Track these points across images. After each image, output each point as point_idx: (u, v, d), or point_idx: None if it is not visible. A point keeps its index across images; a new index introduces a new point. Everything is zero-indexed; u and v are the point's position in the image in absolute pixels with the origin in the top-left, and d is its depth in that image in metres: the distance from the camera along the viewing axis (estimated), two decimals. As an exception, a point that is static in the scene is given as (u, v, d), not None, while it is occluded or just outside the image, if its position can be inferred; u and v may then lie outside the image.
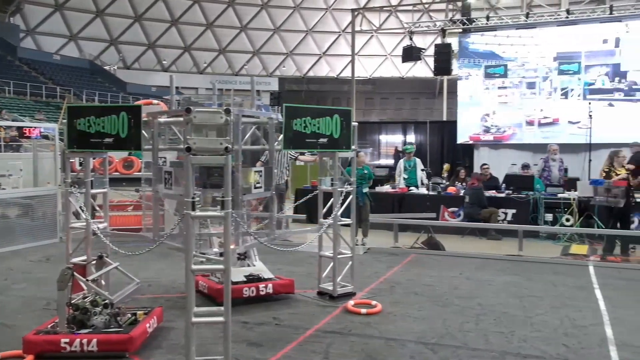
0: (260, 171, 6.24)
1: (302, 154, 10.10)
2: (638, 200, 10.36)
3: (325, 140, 6.12)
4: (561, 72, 15.58)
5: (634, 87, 14.64)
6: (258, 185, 6.20)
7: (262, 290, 6.24)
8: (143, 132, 5.05)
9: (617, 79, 14.85)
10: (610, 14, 15.11)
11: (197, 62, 35.84)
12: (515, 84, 16.01)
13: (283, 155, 9.60)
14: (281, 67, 34.95)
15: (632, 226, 10.23)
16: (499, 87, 16.27)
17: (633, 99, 14.62)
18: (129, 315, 5.05)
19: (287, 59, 34.84)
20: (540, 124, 15.76)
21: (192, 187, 4.13)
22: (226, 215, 4.11)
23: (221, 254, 5.02)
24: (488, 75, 16.31)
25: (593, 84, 15.14)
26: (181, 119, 4.51)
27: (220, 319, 4.10)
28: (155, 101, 10.17)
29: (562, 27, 15.89)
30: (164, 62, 35.78)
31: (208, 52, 35.58)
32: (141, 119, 4.93)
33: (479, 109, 16.39)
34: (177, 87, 6.75)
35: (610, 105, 14.69)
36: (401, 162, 13.13)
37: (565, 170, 12.63)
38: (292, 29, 34.18)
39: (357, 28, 27.77)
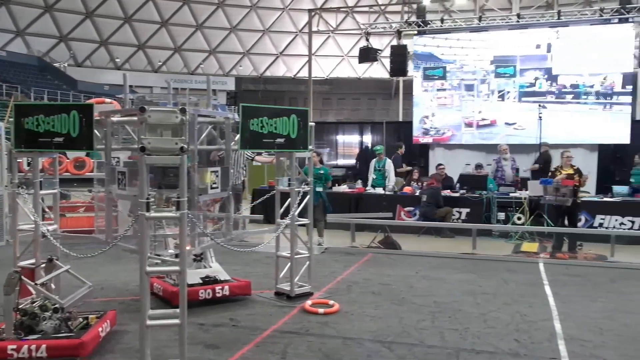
0: (217, 171, 6.17)
1: (259, 154, 10.04)
2: (584, 199, 10.75)
3: (282, 140, 6.11)
4: (498, 75, 15.89)
5: (563, 90, 15.19)
6: (214, 185, 6.13)
7: (219, 293, 6.18)
8: (95, 131, 4.92)
9: (548, 82, 15.35)
10: (558, 19, 15.60)
11: (151, 60, 35.21)
12: (454, 86, 16.30)
13: (240, 155, 9.53)
14: (238, 66, 34.66)
15: (579, 224, 10.61)
16: (438, 89, 16.51)
17: (563, 102, 15.18)
18: (81, 319, 4.92)
19: (243, 58, 34.57)
20: (479, 126, 16.03)
21: (147, 187, 4.05)
22: (182, 216, 4.05)
23: (177, 256, 4.94)
24: (427, 77, 16.54)
25: (528, 86, 15.55)
26: (135, 118, 4.42)
27: (176, 321, 4.04)
28: (108, 100, 9.95)
29: (498, 31, 16.25)
30: (117, 60, 35.00)
31: (163, 51, 35.01)
32: (93, 118, 4.81)
33: (418, 110, 16.64)
34: (130, 86, 6.63)
35: (543, 107, 15.21)
36: (372, 162, 13.29)
37: (517, 170, 12.97)
38: (248, 29, 33.94)
39: (314, 28, 27.80)
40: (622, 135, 14.58)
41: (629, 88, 14.59)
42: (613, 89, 14.71)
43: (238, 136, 5.90)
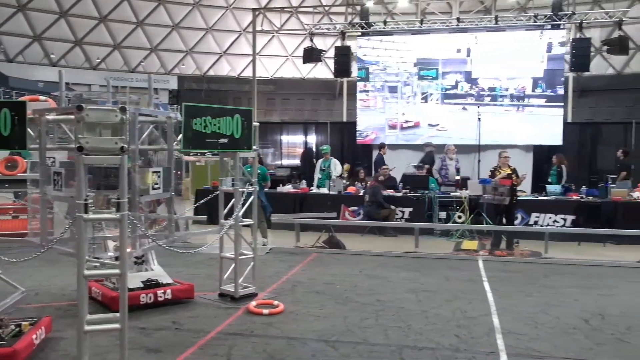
0: (159, 172, 6.04)
1: (187, 153, 9.88)
2: (521, 198, 11.15)
3: (226, 140, 6.05)
4: (421, 78, 16.24)
5: (481, 92, 15.77)
6: (156, 186, 6.00)
7: (161, 297, 6.05)
8: (29, 130, 4.72)
9: (469, 85, 15.87)
10: (496, 23, 16.12)
11: (89, 57, 34.05)
12: (377, 88, 16.55)
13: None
14: (180, 65, 33.96)
15: (516, 222, 11.00)
16: (361, 91, 16.76)
17: (482, 103, 15.76)
18: (13, 326, 4.70)
19: (186, 57, 33.89)
20: (402, 128, 16.30)
21: (85, 188, 3.92)
22: (122, 218, 3.94)
23: (116, 258, 4.81)
24: None
25: (450, 88, 15.99)
26: (72, 116, 4.27)
27: (116, 325, 3.92)
28: (42, 97, 9.56)
29: (420, 35, 16.55)
30: (52, 55, 33.63)
31: (101, 47, 33.91)
32: (26, 116, 4.61)
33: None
34: (67, 83, 6.40)
35: (464, 109, 15.75)
36: (319, 162, 13.32)
37: (458, 170, 13.33)
38: (191, 27, 33.33)
39: (258, 28, 27.64)
40: (555, 137, 15.23)
41: (538, 91, 15.29)
42: (524, 92, 15.42)
43: (180, 136, 5.79)
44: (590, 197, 11.51)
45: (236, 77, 34.35)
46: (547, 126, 15.31)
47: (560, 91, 15.38)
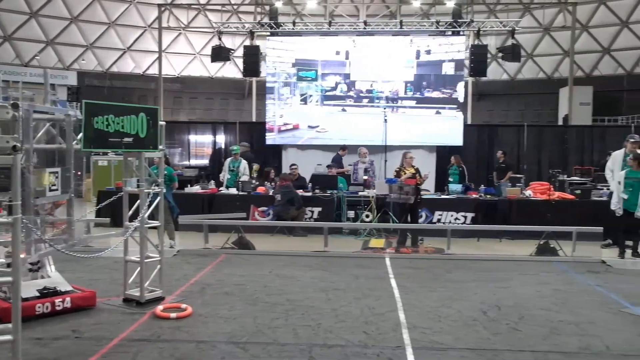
0: (56, 172, 5.72)
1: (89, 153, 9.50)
2: (425, 197, 11.60)
3: (130, 139, 5.84)
4: (300, 79, 16.35)
5: (360, 94, 16.28)
6: (54, 187, 5.68)
7: (59, 305, 5.72)
8: None
9: (347, 87, 16.26)
10: (401, 28, 16.67)
11: (-24, 49, 31.66)
12: None
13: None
14: (80, 60, 32.24)
15: (421, 220, 11.43)
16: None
17: (361, 105, 16.30)
18: None
19: (86, 51, 32.23)
20: (280, 130, 16.33)
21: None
22: (15, 221, 3.69)
23: (8, 265, 4.50)
24: None
25: (329, 90, 16.25)
26: (-43, 112, 3.94)
27: (8, 337, 3.67)
28: None
29: (298, 36, 16.74)
30: None
31: (-10, 39, 31.63)
32: None
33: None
34: (-49, 77, 5.89)
35: (343, 110, 16.26)
36: (227, 162, 13.12)
37: (366, 171, 13.67)
38: (92, 20, 31.74)
39: (164, 24, 26.92)
40: (456, 138, 15.98)
41: (410, 94, 16.02)
42: (398, 94, 16.10)
43: (81, 135, 5.52)
44: (488, 196, 12.18)
45: (141, 74, 33.16)
46: (448, 128, 16.01)
47: (456, 94, 16.05)
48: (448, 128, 15.99)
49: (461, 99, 16.01)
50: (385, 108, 15.49)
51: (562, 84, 28.73)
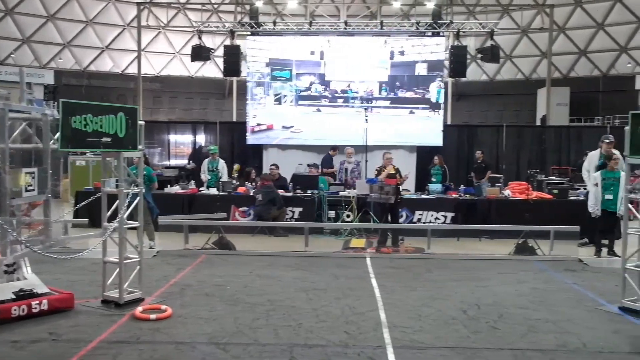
0: (33, 172, 5.64)
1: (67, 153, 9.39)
2: (405, 196, 11.67)
3: (109, 139, 5.79)
4: (274, 79, 16.28)
5: (335, 94, 16.31)
6: (30, 188, 5.59)
7: (36, 308, 5.62)
8: None
9: (322, 87, 16.29)
10: (381, 28, 16.73)
11: (-51, 47, 31.02)
12: None
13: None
14: (57, 58, 31.76)
15: (401, 220, 11.49)
16: None
17: (335, 105, 16.33)
18: None
19: (64, 50, 31.78)
20: (254, 131, 16.27)
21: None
22: (-10, 223, 3.63)
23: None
24: None
25: (304, 90, 16.22)
26: None
27: (-16, 340, 3.60)
28: None
29: (272, 36, 16.69)
30: None
31: (-35, 37, 31.02)
32: None
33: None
34: None
35: (318, 110, 16.27)
36: (205, 163, 13.05)
37: (348, 170, 13.70)
38: (69, 18, 31.28)
39: (144, 23, 26.66)
40: (430, 138, 16.11)
41: (384, 94, 16.13)
42: (372, 94, 16.18)
43: (58, 134, 5.44)
44: (468, 195, 12.29)
45: (120, 73, 32.81)
46: (422, 128, 16.11)
47: (429, 95, 16.10)
48: (421, 128, 16.09)
49: (434, 100, 16.10)
50: (366, 109, 15.53)
51: (540, 84, 29.13)
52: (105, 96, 27.63)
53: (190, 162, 15.80)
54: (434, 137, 16.13)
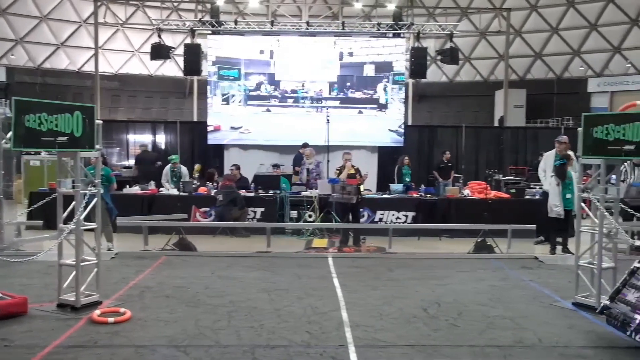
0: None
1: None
2: (367, 196, 11.75)
3: (64, 139, 5.64)
4: (221, 78, 16.18)
5: (285, 94, 16.35)
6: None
7: (-13, 312, 5.44)
8: None
9: (272, 87, 16.32)
10: (343, 29, 16.82)
11: None
12: None
13: None
14: (9, 55, 30.76)
15: (363, 220, 11.57)
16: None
17: (285, 105, 16.37)
18: None
19: (16, 46, 30.80)
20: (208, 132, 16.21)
21: None
22: (-62, 225, 3.49)
23: None
24: None
25: (253, 90, 16.16)
26: None
27: None
28: None
29: (222, 35, 16.65)
30: None
31: None
32: None
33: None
34: None
35: (268, 110, 16.28)
36: (166, 170, 12.83)
37: (307, 171, 13.68)
38: (22, 13, 30.33)
39: (101, 20, 26.12)
40: (384, 138, 16.33)
41: (334, 94, 16.28)
42: (322, 94, 16.31)
43: (10, 133, 5.28)
44: (428, 195, 12.45)
45: (76, 71, 32.02)
46: (377, 128, 16.29)
47: (376, 95, 16.28)
48: (369, 127, 16.29)
49: (382, 100, 16.27)
50: (319, 109, 15.57)
51: (497, 86, 29.80)
52: (60, 94, 26.91)
53: (135, 165, 15.20)
54: (382, 136, 16.32)
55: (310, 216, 11.82)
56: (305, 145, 14.34)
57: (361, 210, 11.34)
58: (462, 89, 32.88)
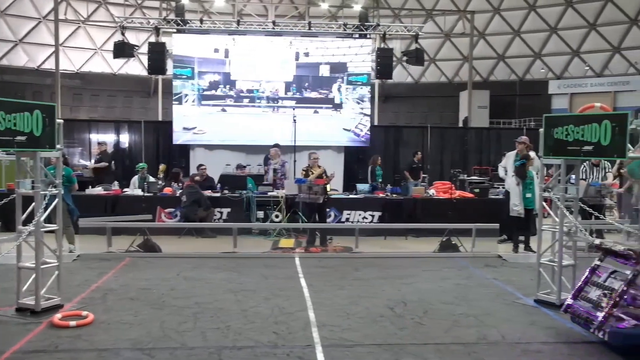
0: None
1: None
2: (333, 196, 11.78)
3: (23, 138, 5.49)
4: (174, 77, 15.95)
5: (241, 94, 16.19)
6: None
7: (-58, 316, 5.26)
8: None
9: (228, 86, 16.12)
10: (309, 29, 16.82)
11: None
12: None
13: None
14: (-35, 51, 29.83)
15: (329, 219, 11.59)
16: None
17: (241, 105, 16.20)
18: None
19: (-28, 43, 29.88)
20: None
21: None
22: None
23: None
24: None
25: (207, 89, 15.90)
26: None
27: None
28: None
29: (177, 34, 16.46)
30: None
31: None
32: None
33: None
34: None
35: (223, 110, 16.10)
36: (134, 179, 12.59)
37: (274, 171, 13.63)
38: (-22, 9, 29.42)
39: (61, 16, 25.50)
40: (340, 138, 16.34)
41: (290, 94, 16.27)
42: (278, 94, 16.27)
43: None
44: (394, 195, 12.56)
45: (36, 68, 31.16)
46: (332, 127, 16.30)
47: (332, 95, 16.30)
48: (325, 127, 16.26)
49: (337, 100, 16.33)
50: (274, 108, 15.51)
51: (462, 87, 30.26)
52: (19, 92, 26.15)
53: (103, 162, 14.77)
54: (338, 136, 16.33)
55: (277, 216, 11.78)
56: (276, 145, 14.29)
57: (328, 210, 11.36)
58: (427, 90, 33.25)
